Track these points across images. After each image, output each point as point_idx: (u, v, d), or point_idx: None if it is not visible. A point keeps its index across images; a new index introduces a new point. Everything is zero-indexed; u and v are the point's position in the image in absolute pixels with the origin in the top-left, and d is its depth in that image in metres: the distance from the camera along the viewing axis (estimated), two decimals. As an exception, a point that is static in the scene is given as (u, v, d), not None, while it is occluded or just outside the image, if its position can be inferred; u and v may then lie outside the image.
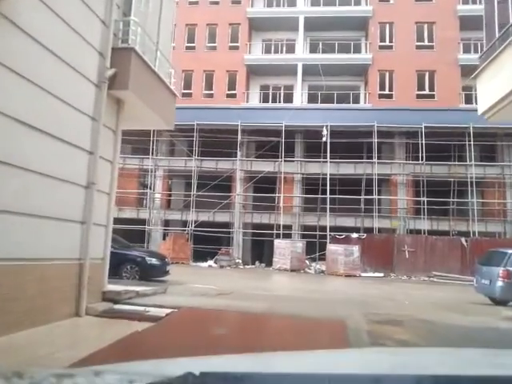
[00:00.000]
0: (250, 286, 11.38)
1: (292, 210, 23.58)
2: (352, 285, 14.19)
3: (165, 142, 24.79)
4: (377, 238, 19.68)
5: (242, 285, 11.72)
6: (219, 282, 11.85)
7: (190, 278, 12.59)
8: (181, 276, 12.86)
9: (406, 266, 18.90)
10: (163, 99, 7.92)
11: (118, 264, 10.80)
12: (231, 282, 12.42)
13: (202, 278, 12.95)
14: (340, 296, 10.39)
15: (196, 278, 12.80)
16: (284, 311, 6.74)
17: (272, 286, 12.44)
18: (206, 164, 24.14)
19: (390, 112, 22.54)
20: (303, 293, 10.74)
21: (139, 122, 7.80)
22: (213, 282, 11.67)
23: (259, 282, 13.22)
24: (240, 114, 22.97)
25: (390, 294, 11.87)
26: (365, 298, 10.31)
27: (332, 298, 9.57)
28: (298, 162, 23.87)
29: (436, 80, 23.48)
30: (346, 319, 6.07)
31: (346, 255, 17.44)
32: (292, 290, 11.52)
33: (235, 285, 11.61)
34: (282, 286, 12.60)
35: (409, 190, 23.22)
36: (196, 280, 12.16)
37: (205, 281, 12.03)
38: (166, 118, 8.04)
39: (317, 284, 13.87)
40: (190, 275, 13.85)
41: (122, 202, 24.74)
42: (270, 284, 12.94)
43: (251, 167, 24.01)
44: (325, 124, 21.93)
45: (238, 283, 12.28)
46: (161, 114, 7.72)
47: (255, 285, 11.82)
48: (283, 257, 18.42)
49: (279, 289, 11.83)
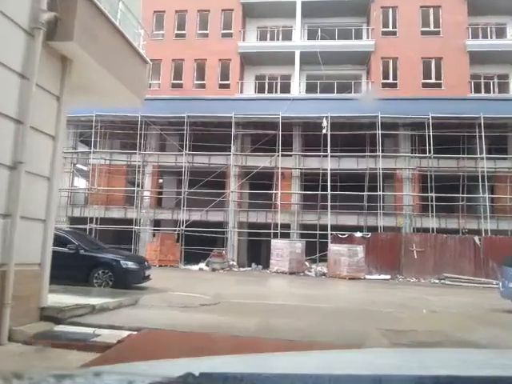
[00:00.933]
0: (243, 293, 9.83)
1: (290, 208, 22.04)
2: (358, 289, 12.66)
3: (154, 136, 23.21)
4: (383, 237, 18.15)
5: (233, 291, 10.17)
6: (208, 289, 10.30)
7: (175, 284, 11.03)
8: (165, 281, 11.32)
9: (414, 268, 17.37)
10: (129, 65, 6.35)
11: (88, 269, 9.26)
12: (222, 288, 10.87)
13: (189, 284, 11.40)
14: (347, 305, 8.85)
15: (182, 284, 11.25)
16: (280, 331, 5.18)
17: (268, 292, 10.88)
18: (198, 159, 22.58)
19: (394, 102, 21.02)
20: (303, 301, 9.18)
21: (98, 93, 6.20)
22: (200, 289, 10.13)
23: (254, 287, 11.66)
24: (234, 105, 21.42)
25: (404, 301, 10.34)
26: (376, 306, 8.77)
27: (338, 308, 8.01)
28: (296, 157, 22.33)
29: (443, 67, 21.97)
30: (361, 342, 4.53)
31: (349, 256, 15.90)
32: (290, 298, 9.97)
33: (226, 291, 10.06)
34: (279, 293, 11.02)
35: (415, 185, 21.69)
36: (181, 286, 10.61)
37: (191, 287, 10.48)
38: (135, 90, 6.45)
39: (318, 289, 12.30)
40: (176, 280, 12.30)
41: (109, 201, 23.22)
42: (266, 290, 11.38)
43: (246, 162, 22.46)
44: (325, 115, 20.39)
45: (230, 289, 10.72)
46: (126, 83, 6.14)
47: (249, 291, 10.26)
48: (281, 258, 16.85)
49: (276, 296, 10.27)
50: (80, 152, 23.65)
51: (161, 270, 15.34)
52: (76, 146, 24.04)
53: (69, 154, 23.26)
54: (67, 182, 23.34)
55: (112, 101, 6.96)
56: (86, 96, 6.25)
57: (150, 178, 23.05)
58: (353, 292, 11.86)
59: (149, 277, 10.16)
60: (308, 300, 9.36)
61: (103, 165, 23.05)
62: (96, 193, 22.54)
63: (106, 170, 23.18)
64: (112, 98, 6.55)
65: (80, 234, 11.64)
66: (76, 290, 7.50)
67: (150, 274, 10.23)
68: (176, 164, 22.37)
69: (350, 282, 15.21)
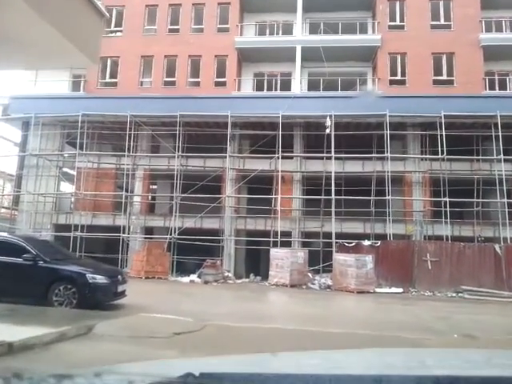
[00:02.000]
0: (235, 312, 8.20)
1: (291, 215, 20.43)
2: (369, 306, 11.00)
3: (145, 137, 21.69)
4: (393, 245, 16.49)
5: (223, 310, 8.53)
6: (194, 306, 8.68)
7: (157, 301, 9.41)
8: (146, 298, 9.70)
9: (428, 280, 15.70)
10: (76, 14, 4.77)
11: (47, 284, 7.63)
12: (211, 306, 9.23)
13: (174, 300, 9.78)
14: (362, 328, 7.20)
15: (165, 300, 9.63)
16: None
17: (265, 311, 9.21)
18: (192, 162, 21.02)
19: (403, 100, 19.52)
20: (308, 323, 7.52)
21: (34, 50, 4.62)
22: (186, 306, 8.51)
23: (249, 304, 9.99)
24: (230, 103, 19.90)
25: (426, 321, 8.71)
26: (397, 329, 7.14)
27: (353, 335, 6.37)
28: (297, 159, 20.78)
29: (455, 63, 20.49)
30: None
31: (357, 267, 14.24)
32: (292, 319, 8.32)
33: (215, 310, 8.43)
34: (279, 312, 9.34)
35: (425, 189, 20.09)
36: (163, 303, 8.98)
37: (176, 304, 8.86)
38: (84, 47, 4.86)
39: (324, 306, 10.63)
40: (160, 295, 10.67)
41: (96, 207, 21.64)
42: (263, 308, 9.71)
43: (244, 165, 20.89)
44: (328, 114, 18.84)
45: (220, 307, 9.08)
46: (71, 36, 4.56)
47: (242, 310, 8.61)
48: (281, 269, 15.20)
49: (274, 316, 8.60)
50: (66, 154, 22.06)
51: (146, 282, 13.74)
52: (63, 148, 22.52)
53: (54, 157, 21.80)
54: (52, 186, 21.82)
55: (55, 61, 5.41)
56: (18, 54, 4.67)
57: (141, 183, 21.47)
58: (364, 309, 10.21)
59: (123, 293, 8.53)
60: (314, 322, 7.71)
61: (91, 168, 21.51)
62: (82, 198, 20.96)
63: (94, 174, 21.62)
64: (55, 58, 4.99)
65: (42, 241, 10.08)
66: (20, 313, 5.89)
67: (126, 290, 8.60)
68: (169, 167, 20.78)
69: (359, 296, 13.53)
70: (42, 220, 21.24)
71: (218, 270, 15.61)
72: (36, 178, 21.37)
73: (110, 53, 22.18)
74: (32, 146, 21.19)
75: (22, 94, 21.72)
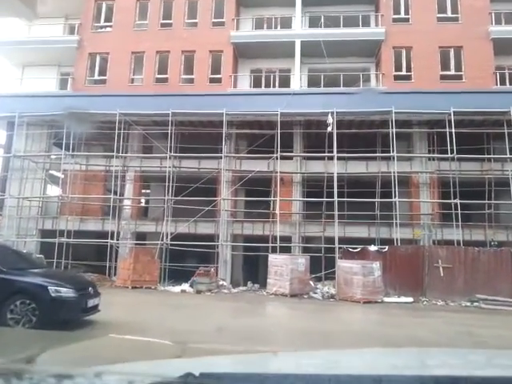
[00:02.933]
0: (225, 330, 6.96)
1: (291, 218, 19.24)
2: (380, 319, 9.75)
3: (136, 137, 20.52)
4: (402, 250, 15.26)
5: (213, 327, 7.29)
6: (179, 322, 7.45)
7: (137, 316, 8.17)
8: (126, 311, 8.49)
9: (440, 288, 14.46)
10: None
11: (0, 299, 6.41)
12: (199, 321, 7.99)
13: (158, 315, 8.53)
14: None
15: (147, 316, 8.38)
16: None
17: (261, 327, 7.94)
18: (186, 163, 19.86)
19: (408, 96, 18.38)
20: (312, 344, 6.27)
21: None
22: (169, 323, 7.28)
23: (243, 318, 8.71)
24: (226, 101, 18.75)
25: (448, 338, 7.47)
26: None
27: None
28: (297, 160, 19.62)
29: (463, 57, 19.36)
30: None
31: (363, 275, 13.00)
32: (293, 339, 7.09)
33: (203, 327, 7.20)
34: (277, 329, 8.04)
35: (434, 191, 18.90)
36: (144, 319, 7.75)
37: (158, 320, 7.62)
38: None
39: (329, 320, 9.36)
40: (142, 309, 9.42)
41: (84, 212, 20.42)
42: (259, 323, 8.42)
43: (241, 166, 19.72)
44: (330, 111, 17.68)
45: (209, 323, 7.84)
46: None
47: (234, 326, 7.37)
48: (280, 277, 13.95)
49: (272, 336, 7.31)
50: (52, 155, 20.87)
51: (132, 293, 12.51)
52: (50, 149, 21.34)
53: (40, 158, 20.63)
54: (38, 189, 20.61)
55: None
56: None
57: (132, 185, 20.27)
58: (375, 323, 8.98)
59: (95, 308, 7.30)
60: (320, 342, 6.47)
61: (79, 170, 20.33)
62: (69, 202, 19.75)
63: (82, 177, 20.44)
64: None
65: (2, 247, 8.80)
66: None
67: (98, 304, 7.36)
68: (161, 169, 19.60)
69: (366, 307, 12.28)
70: (27, 225, 20.03)
71: (212, 279, 14.36)
72: (21, 180, 20.19)
73: (99, 49, 21.15)
74: (17, 147, 20.00)
75: (5, 93, 20.57)
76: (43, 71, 21.98)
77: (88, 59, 21.00)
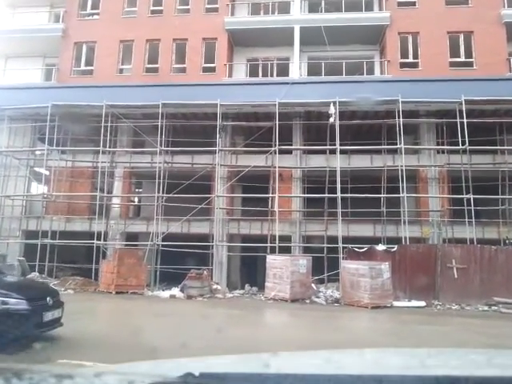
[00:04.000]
0: (211, 350, 5.69)
1: (291, 217, 18.01)
2: (393, 328, 8.49)
3: (125, 131, 19.28)
4: (413, 250, 14.00)
5: (196, 345, 6.03)
6: (157, 338, 6.19)
7: (109, 330, 6.92)
8: (98, 323, 7.25)
9: (454, 290, 13.23)
10: None
11: None
12: (181, 337, 6.74)
13: (134, 327, 7.27)
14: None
15: (121, 329, 7.13)
16: None
17: (255, 343, 6.65)
18: (178, 159, 18.64)
19: (416, 84, 17.16)
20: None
21: None
22: (143, 339, 6.03)
23: (235, 330, 7.43)
24: (220, 91, 17.51)
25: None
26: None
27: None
28: (297, 154, 18.39)
29: (474, 43, 18.13)
30: None
31: (371, 277, 11.76)
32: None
33: (177, 344, 5.91)
34: (276, 345, 6.76)
35: (443, 186, 17.67)
36: (116, 334, 6.51)
37: (132, 335, 6.36)
38: None
39: (336, 330, 8.08)
40: (119, 319, 8.17)
41: (71, 211, 19.18)
42: (254, 337, 7.10)
43: (236, 161, 18.48)
44: (332, 100, 16.45)
45: (193, 339, 6.58)
46: None
47: (223, 343, 6.10)
48: (280, 280, 12.70)
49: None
50: (37, 151, 19.60)
51: (114, 299, 11.25)
52: (34, 144, 20.09)
53: (24, 155, 19.37)
54: (22, 188, 19.34)
55: None
56: None
57: (121, 183, 19.02)
58: (388, 334, 7.73)
59: (57, 321, 6.06)
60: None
61: (64, 167, 19.09)
62: (54, 201, 18.51)
63: (68, 174, 19.20)
64: None
65: None
66: None
67: (60, 317, 6.12)
68: (152, 165, 18.33)
69: (374, 312, 11.05)
70: (10, 226, 18.76)
71: (204, 283, 13.09)
72: (3, 178, 18.95)
73: (85, 38, 19.90)
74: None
75: (-15, 85, 19.36)
76: (28, 63, 20.73)
77: (74, 49, 19.76)
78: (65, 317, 6.43)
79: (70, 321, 6.59)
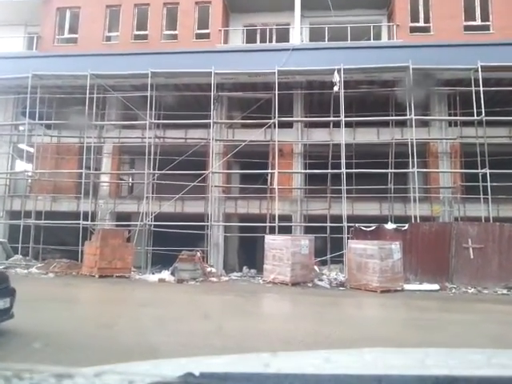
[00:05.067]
0: (193, 350, 4.57)
1: (291, 195, 16.86)
2: (409, 316, 7.37)
3: (114, 105, 17.98)
4: (425, 228, 12.84)
5: (175, 341, 4.90)
6: (130, 333, 5.07)
7: (76, 322, 5.82)
8: (64, 313, 6.11)
9: (470, 272, 12.14)
10: None
11: None
12: (160, 330, 5.61)
13: (104, 321, 6.16)
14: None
15: (85, 323, 6.01)
16: None
17: (250, 339, 5.51)
18: (170, 133, 17.42)
19: (427, 50, 15.77)
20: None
21: None
22: (112, 333, 4.91)
23: (227, 322, 6.25)
24: (215, 59, 16.12)
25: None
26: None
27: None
28: (297, 127, 17.15)
29: (491, 5, 16.65)
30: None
31: (381, 258, 10.63)
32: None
33: (160, 341, 4.82)
34: (275, 341, 5.57)
35: (455, 161, 16.44)
36: (79, 328, 5.39)
37: (100, 328, 5.26)
38: None
39: (348, 322, 6.91)
40: (92, 308, 7.06)
41: (57, 190, 18.02)
42: (248, 331, 5.93)
43: (233, 136, 17.25)
44: (336, 67, 15.10)
45: (173, 334, 5.45)
46: None
47: (209, 340, 4.97)
48: (280, 262, 11.59)
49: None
50: (20, 124, 18.29)
51: (97, 284, 10.16)
52: (17, 119, 18.77)
53: (6, 130, 18.12)
54: (5, 166, 18.14)
55: None
56: None
57: (110, 159, 17.81)
58: (409, 326, 6.59)
59: (5, 313, 4.93)
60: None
61: (50, 143, 17.85)
62: (38, 179, 17.33)
63: (54, 150, 17.97)
64: None
65: None
66: None
67: (10, 308, 5.00)
68: (142, 140, 17.05)
69: (385, 297, 9.95)
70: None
71: (197, 265, 11.97)
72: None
73: (68, 3, 18.42)
74: (-23, 118, 17.50)
75: (-39, 54, 17.94)
76: (8, 31, 19.27)
77: (56, 15, 18.26)
78: (25, 306, 5.34)
79: (28, 312, 5.49)
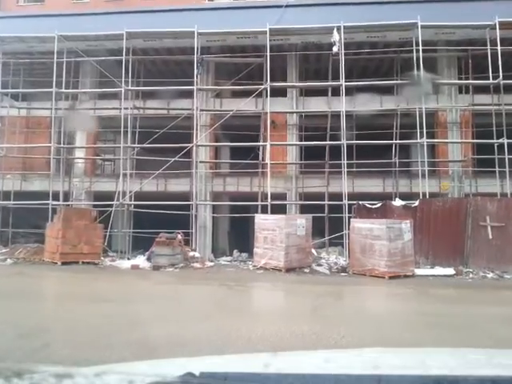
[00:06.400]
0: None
1: (286, 171, 15.29)
2: (438, 313, 5.85)
3: (89, 72, 16.16)
4: (438, 205, 11.26)
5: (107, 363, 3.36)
6: (58, 341, 3.50)
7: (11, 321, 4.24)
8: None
9: (487, 254, 10.69)
10: None
11: None
12: (99, 339, 4.06)
13: (33, 325, 4.59)
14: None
15: (6, 329, 4.44)
16: None
17: (239, 343, 3.95)
18: (151, 104, 15.71)
19: (437, 6, 14.07)
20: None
21: None
22: (33, 348, 3.32)
23: (203, 323, 4.69)
24: (199, 18, 14.30)
25: None
26: None
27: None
28: (292, 95, 15.47)
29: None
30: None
31: (389, 239, 9.12)
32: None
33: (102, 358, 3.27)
34: (268, 345, 4.05)
35: (466, 132, 14.88)
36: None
37: (19, 340, 3.68)
38: None
39: (358, 321, 5.32)
40: (32, 304, 5.51)
41: (28, 168, 16.34)
42: (230, 338, 4.38)
43: (221, 106, 15.56)
44: (336, 25, 13.36)
45: (115, 346, 3.90)
46: None
47: (177, 348, 3.42)
48: (272, 245, 10.06)
49: None
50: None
51: (55, 272, 8.66)
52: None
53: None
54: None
55: None
56: None
57: (85, 133, 16.09)
58: (437, 321, 5.10)
59: None
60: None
61: (18, 116, 16.10)
62: (5, 155, 15.60)
63: (23, 124, 16.23)
64: None
65: None
66: None
67: None
68: (121, 111, 15.27)
69: (396, 283, 8.49)
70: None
71: (176, 249, 10.40)
72: None
73: (34, -44, 16.37)
74: None
75: None
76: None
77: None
78: None
79: None
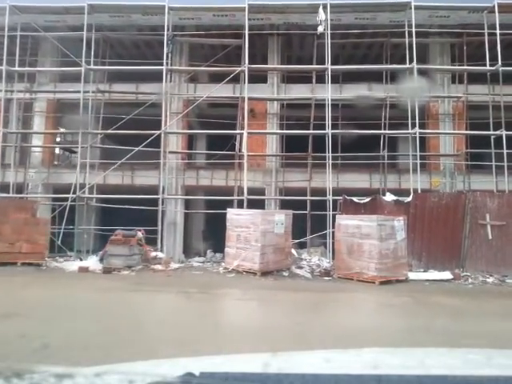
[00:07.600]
0: None
1: (265, 164, 13.99)
2: (450, 327, 4.57)
3: (48, 51, 14.58)
4: (433, 200, 10.04)
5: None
6: None
7: None
8: None
9: (487, 256, 9.58)
10: None
11: None
12: None
13: None
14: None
15: None
16: None
17: None
18: (118, 88, 14.23)
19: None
20: None
21: None
22: None
23: (116, 356, 3.41)
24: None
25: None
26: None
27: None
28: (273, 83, 14.19)
29: None
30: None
31: (380, 238, 7.87)
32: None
33: None
34: None
35: (460, 123, 13.82)
36: None
37: None
38: None
39: (351, 340, 4.03)
40: None
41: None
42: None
43: (195, 90, 14.17)
44: (321, 2, 12.11)
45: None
46: None
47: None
48: (246, 245, 8.71)
49: None
50: None
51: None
52: None
53: None
54: None
55: None
56: None
57: (43, 119, 14.48)
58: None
59: None
60: None
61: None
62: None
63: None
64: None
65: None
66: None
67: None
68: (85, 95, 13.72)
69: (387, 290, 7.26)
70: None
71: (134, 249, 8.97)
72: None
73: None
74: None
75: None
76: None
77: None
78: None
79: None
